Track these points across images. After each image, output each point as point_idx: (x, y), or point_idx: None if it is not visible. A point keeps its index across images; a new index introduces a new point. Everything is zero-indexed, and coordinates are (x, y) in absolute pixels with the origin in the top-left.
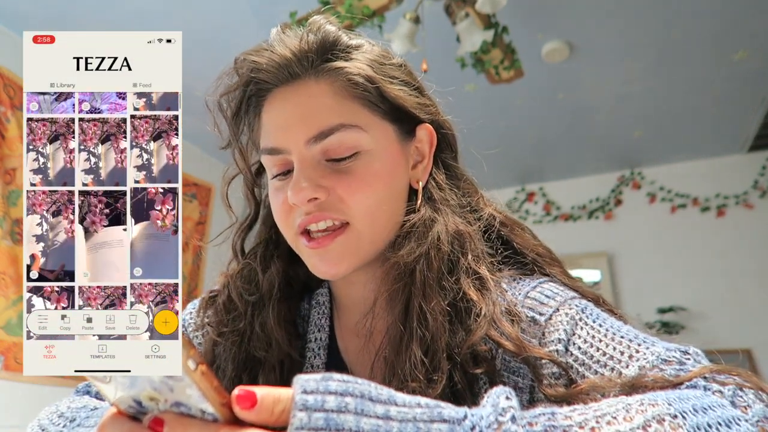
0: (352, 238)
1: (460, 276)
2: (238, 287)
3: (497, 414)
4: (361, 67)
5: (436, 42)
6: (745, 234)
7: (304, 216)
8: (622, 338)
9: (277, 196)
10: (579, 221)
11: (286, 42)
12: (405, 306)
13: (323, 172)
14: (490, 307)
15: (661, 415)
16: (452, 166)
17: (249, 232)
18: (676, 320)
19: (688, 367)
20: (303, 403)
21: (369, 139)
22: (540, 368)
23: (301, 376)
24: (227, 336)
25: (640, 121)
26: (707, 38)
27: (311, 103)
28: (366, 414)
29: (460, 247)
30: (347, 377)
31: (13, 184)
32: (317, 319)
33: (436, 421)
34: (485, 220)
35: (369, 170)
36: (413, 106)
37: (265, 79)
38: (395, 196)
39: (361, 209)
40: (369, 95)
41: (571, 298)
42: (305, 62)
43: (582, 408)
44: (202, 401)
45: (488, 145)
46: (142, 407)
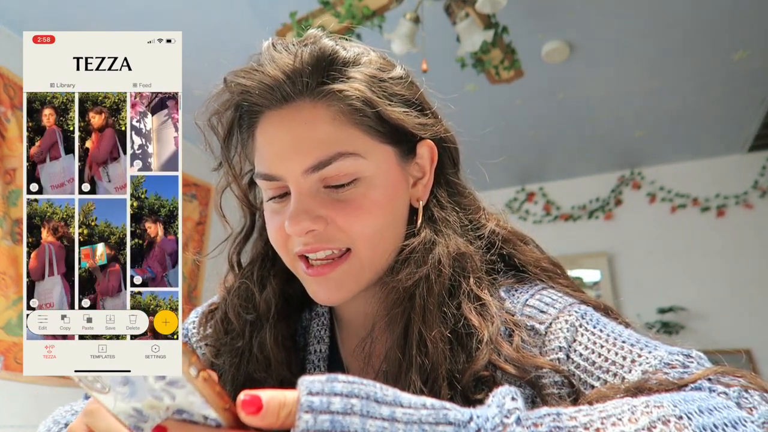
0: (354, 265)
1: (461, 301)
2: (235, 305)
3: (502, 416)
4: (359, 89)
5: (436, 42)
6: (745, 234)
7: (303, 246)
8: (623, 343)
9: (273, 219)
10: (579, 221)
11: (278, 61)
12: (404, 331)
13: (322, 201)
14: (492, 331)
15: (666, 416)
16: (453, 183)
17: (245, 244)
18: (676, 320)
19: (691, 369)
20: (309, 404)
21: (368, 164)
22: (542, 378)
23: (306, 378)
24: (225, 355)
25: (640, 121)
26: (707, 38)
27: (308, 130)
28: (371, 416)
29: (462, 270)
30: (352, 378)
31: (13, 184)
32: (317, 331)
33: (441, 423)
34: (487, 237)
35: (369, 198)
36: (414, 127)
37: (257, 102)
38: (396, 220)
39: (362, 237)
40: (368, 120)
41: (570, 304)
42: (299, 84)
43: (587, 409)
44: (205, 407)
45: (488, 145)
46: (143, 416)
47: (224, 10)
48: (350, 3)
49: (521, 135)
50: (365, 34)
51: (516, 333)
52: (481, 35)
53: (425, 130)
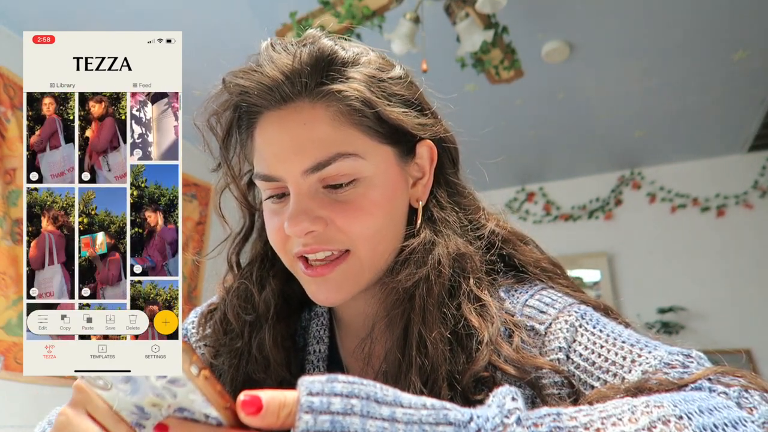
0: (353, 266)
1: (461, 301)
2: (234, 306)
3: (503, 416)
4: (358, 89)
5: (436, 42)
6: (745, 234)
7: (302, 246)
8: (623, 343)
9: (272, 219)
10: (579, 221)
11: (277, 62)
12: (404, 332)
13: (321, 202)
14: (492, 332)
15: (666, 416)
16: (453, 183)
17: (245, 244)
18: (676, 320)
19: (691, 369)
20: (309, 405)
21: (368, 165)
22: (542, 378)
23: (306, 378)
24: (225, 356)
25: (640, 121)
26: (707, 38)
27: (307, 131)
28: (372, 416)
29: (462, 270)
30: (352, 378)
31: (13, 184)
32: (316, 331)
33: (441, 423)
34: (487, 238)
35: (368, 198)
36: (413, 127)
37: (256, 102)
38: (395, 220)
39: (362, 238)
40: (367, 120)
41: (570, 304)
42: (298, 85)
43: (587, 409)
44: (206, 406)
45: (488, 145)
46: (145, 413)
47: (224, 10)
48: (350, 3)
49: (521, 135)
50: (365, 34)
51: (516, 333)
52: (481, 35)
53: (425, 130)
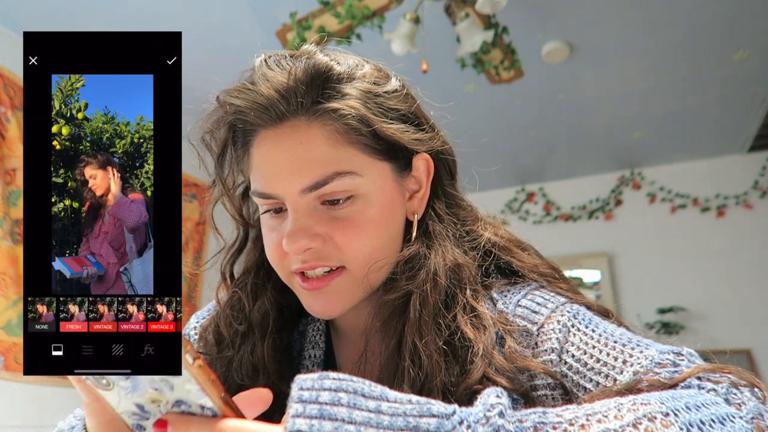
0: (348, 280)
1: (456, 313)
2: (227, 316)
3: (485, 409)
4: (354, 107)
5: (436, 42)
6: (745, 234)
7: (300, 263)
8: (615, 343)
9: (269, 235)
10: (579, 221)
11: (272, 79)
12: (398, 342)
13: (319, 219)
14: (487, 344)
15: (652, 413)
16: (450, 194)
17: (239, 256)
18: (676, 320)
19: (682, 368)
20: (299, 396)
21: (365, 182)
22: (535, 379)
23: (300, 376)
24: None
25: (640, 121)
26: (707, 38)
27: (304, 150)
28: (358, 407)
29: (458, 281)
30: (342, 375)
31: (13, 184)
32: (312, 336)
33: (425, 416)
34: (483, 247)
35: (365, 216)
36: (410, 143)
37: (251, 121)
38: (392, 235)
39: (358, 255)
40: (364, 138)
41: (562, 304)
42: (294, 104)
43: (574, 407)
44: (201, 396)
45: (488, 145)
46: (145, 412)
47: (224, 10)
48: (350, 3)
49: (521, 135)
50: (365, 34)
51: (507, 338)
52: (481, 35)
53: (422, 144)
